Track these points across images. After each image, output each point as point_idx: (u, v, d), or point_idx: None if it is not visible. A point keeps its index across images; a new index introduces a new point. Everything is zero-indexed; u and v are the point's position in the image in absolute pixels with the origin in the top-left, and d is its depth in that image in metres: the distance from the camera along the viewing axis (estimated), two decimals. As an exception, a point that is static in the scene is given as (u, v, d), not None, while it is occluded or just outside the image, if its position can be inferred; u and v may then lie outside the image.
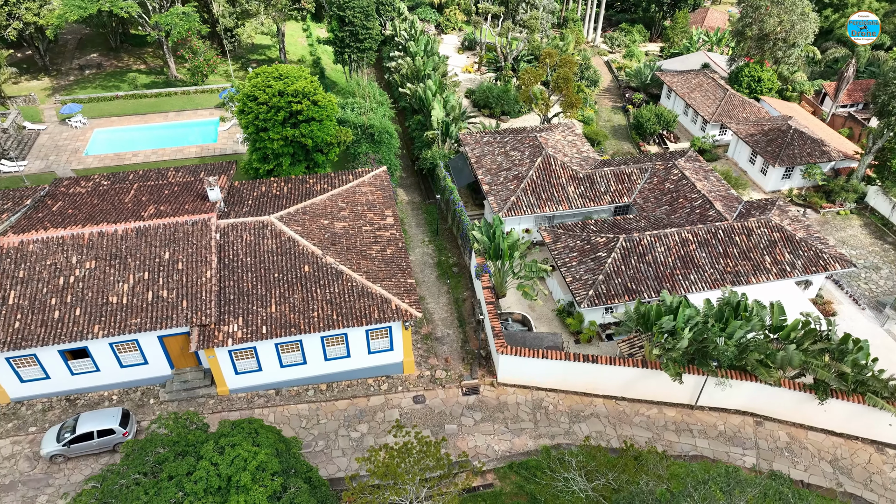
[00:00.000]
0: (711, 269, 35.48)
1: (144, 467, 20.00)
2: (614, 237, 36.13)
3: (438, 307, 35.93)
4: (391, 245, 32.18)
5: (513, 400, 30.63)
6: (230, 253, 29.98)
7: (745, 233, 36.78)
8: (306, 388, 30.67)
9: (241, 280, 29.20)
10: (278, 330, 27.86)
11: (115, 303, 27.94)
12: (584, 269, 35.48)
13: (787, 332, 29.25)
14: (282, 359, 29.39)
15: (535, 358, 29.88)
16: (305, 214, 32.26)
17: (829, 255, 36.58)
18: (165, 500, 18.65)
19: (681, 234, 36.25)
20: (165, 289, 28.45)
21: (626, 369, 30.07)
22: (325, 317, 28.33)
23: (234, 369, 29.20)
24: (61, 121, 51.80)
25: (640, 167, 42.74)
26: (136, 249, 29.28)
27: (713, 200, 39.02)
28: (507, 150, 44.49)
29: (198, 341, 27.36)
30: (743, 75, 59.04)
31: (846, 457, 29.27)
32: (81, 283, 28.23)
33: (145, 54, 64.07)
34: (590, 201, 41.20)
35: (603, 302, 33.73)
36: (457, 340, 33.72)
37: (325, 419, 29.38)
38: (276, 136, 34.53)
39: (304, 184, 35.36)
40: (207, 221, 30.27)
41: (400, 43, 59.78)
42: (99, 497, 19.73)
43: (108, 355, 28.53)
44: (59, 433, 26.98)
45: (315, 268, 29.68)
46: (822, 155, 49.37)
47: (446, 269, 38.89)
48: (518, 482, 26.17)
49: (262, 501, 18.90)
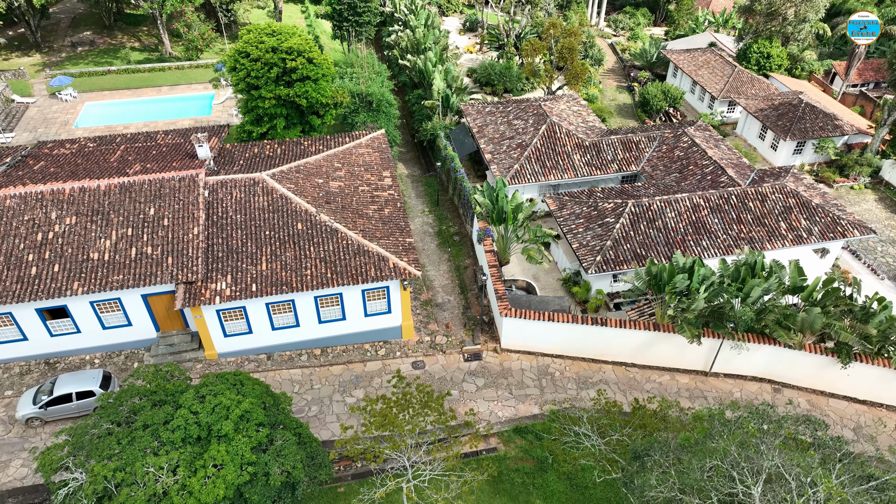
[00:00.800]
0: (724, 236, 33.88)
1: (118, 417, 18.42)
2: (622, 202, 34.55)
3: (439, 274, 34.36)
4: (389, 205, 30.64)
5: (517, 366, 29.03)
6: (219, 210, 28.44)
7: (759, 198, 35.19)
8: (299, 352, 29.09)
9: (230, 237, 27.67)
10: (269, 288, 26.31)
11: (96, 259, 26.40)
12: (591, 236, 33.90)
13: (808, 293, 27.64)
14: (273, 321, 27.82)
15: (540, 321, 28.28)
16: (299, 173, 30.73)
17: (848, 222, 34.99)
18: (139, 449, 17.06)
19: (692, 200, 34.67)
20: (150, 245, 26.92)
21: (636, 332, 28.48)
22: (319, 275, 26.78)
23: (223, 332, 27.63)
24: (51, 94, 50.37)
25: (648, 136, 41.22)
26: (120, 205, 27.75)
27: (725, 167, 37.46)
28: (510, 120, 42.97)
29: (183, 299, 25.80)
30: (752, 52, 57.56)
31: (870, 424, 27.63)
32: (61, 240, 26.69)
33: (139, 32, 62.68)
34: (596, 169, 39.65)
35: (611, 268, 32.14)
36: (458, 307, 32.13)
37: (319, 384, 27.79)
38: (268, 94, 33.02)
39: (298, 146, 33.84)
40: (195, 177, 28.74)
41: (400, 18, 58.37)
42: (69, 450, 18.15)
43: (90, 315, 26.97)
44: (35, 396, 25.41)
45: (308, 225, 28.13)
46: (834, 129, 47.80)
47: (447, 238, 37.34)
48: (523, 446, 24.55)
49: (246, 452, 17.30)
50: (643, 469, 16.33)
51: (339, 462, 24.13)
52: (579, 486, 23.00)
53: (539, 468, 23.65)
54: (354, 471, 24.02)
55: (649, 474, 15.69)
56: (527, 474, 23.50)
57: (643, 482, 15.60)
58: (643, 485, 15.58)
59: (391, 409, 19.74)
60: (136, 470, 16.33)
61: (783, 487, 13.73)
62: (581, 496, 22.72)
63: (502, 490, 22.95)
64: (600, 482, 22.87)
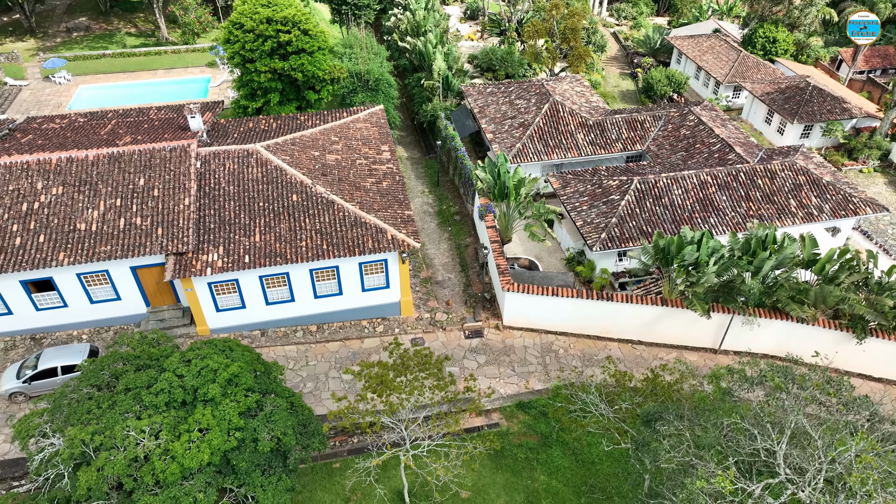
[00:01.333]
0: (733, 213, 32.90)
1: (99, 380, 17.44)
2: (628, 179, 33.58)
3: (439, 253, 33.38)
4: (387, 178, 29.68)
5: (520, 343, 28.03)
6: (211, 181, 27.49)
7: (768, 176, 34.21)
8: (294, 328, 28.11)
9: (222, 209, 26.71)
10: (262, 259, 25.35)
11: (83, 230, 25.45)
12: (595, 213, 32.93)
13: (822, 265, 26.63)
14: (267, 295, 26.85)
15: (544, 296, 27.29)
16: (294, 145, 29.78)
17: (860, 199, 34.01)
18: (120, 413, 16.08)
19: (699, 177, 33.68)
20: (139, 216, 25.97)
21: (644, 308, 27.49)
22: (315, 246, 25.82)
23: (216, 306, 26.66)
24: (45, 77, 49.49)
25: (653, 115, 40.28)
26: (109, 176, 26.81)
27: (733, 145, 36.50)
28: (511, 100, 42.03)
29: (173, 270, 24.84)
30: (757, 36, 56.62)
31: (885, 403, 26.58)
32: (47, 210, 25.75)
33: (136, 18, 61.82)
34: (600, 149, 38.68)
35: (616, 245, 31.16)
36: (458, 284, 31.15)
37: (315, 361, 26.80)
38: (263, 67, 32.10)
39: (294, 121, 32.88)
40: (187, 148, 27.80)
41: (399, 2, 57.46)
42: (47, 416, 17.17)
43: (77, 288, 26.01)
44: (19, 370, 24.45)
45: (304, 197, 27.18)
46: (842, 112, 46.81)
47: (447, 217, 36.37)
48: (526, 421, 23.53)
49: (233, 416, 16.31)
50: (655, 434, 15.33)
51: (334, 437, 23.15)
52: (585, 462, 22.00)
53: (543, 443, 22.64)
54: (350, 446, 23.03)
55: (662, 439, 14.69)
56: (530, 449, 22.49)
57: (656, 448, 14.60)
58: (656, 450, 14.58)
59: (388, 373, 18.75)
60: (115, 433, 15.35)
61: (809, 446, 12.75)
62: (587, 471, 21.71)
63: (505, 466, 21.94)
64: (607, 458, 21.88)
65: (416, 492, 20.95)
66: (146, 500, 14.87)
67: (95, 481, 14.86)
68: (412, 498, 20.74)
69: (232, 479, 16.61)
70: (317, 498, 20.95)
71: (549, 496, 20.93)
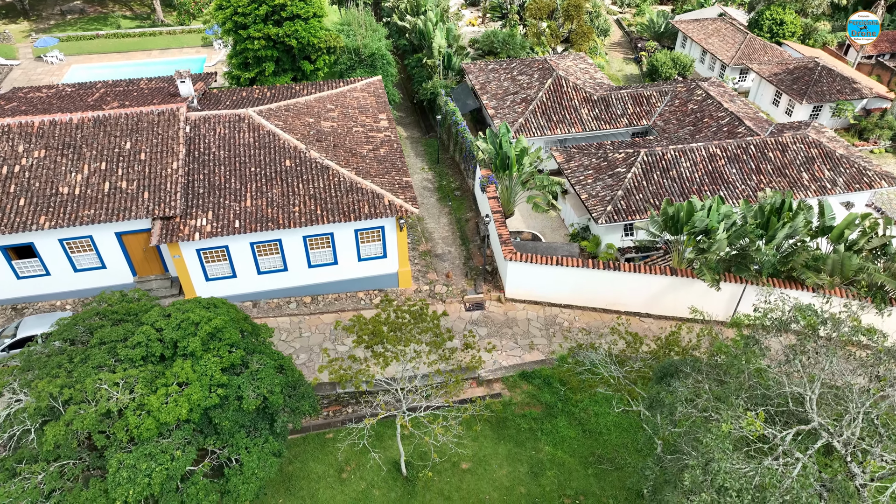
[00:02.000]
0: (743, 186, 31.74)
1: (72, 335, 16.27)
2: (635, 151, 32.43)
3: (439, 227, 32.22)
4: (385, 145, 28.53)
5: (522, 316, 26.84)
6: (201, 146, 26.35)
7: (779, 148, 33.05)
8: (288, 300, 26.95)
9: (212, 174, 25.57)
10: (253, 224, 24.19)
11: (65, 193, 24.31)
12: (601, 186, 31.77)
13: (839, 231, 25.43)
14: (259, 263, 25.70)
15: (548, 265, 26.11)
16: (288, 111, 28.64)
17: (875, 172, 32.83)
18: (92, 367, 14.91)
19: (708, 149, 32.52)
20: (125, 180, 24.83)
21: (652, 278, 26.29)
22: (308, 211, 24.67)
23: (205, 275, 25.50)
24: (36, 57, 48.43)
25: (659, 90, 39.14)
26: (94, 139, 25.67)
27: (742, 118, 35.34)
28: (514, 76, 40.91)
29: (160, 235, 23.70)
30: (764, 18, 55.53)
31: (907, 377, 25.33)
32: (28, 173, 24.60)
33: (131, 1, 60.81)
34: (605, 124, 37.54)
35: (623, 218, 30.01)
36: (459, 258, 29.98)
37: (309, 332, 25.63)
38: (256, 34, 30.99)
39: (289, 90, 31.73)
40: (176, 112, 26.67)
41: (399, -16, 56.34)
42: (17, 372, 16.00)
43: (59, 256, 24.87)
44: (-3, 339, 23.31)
45: (297, 162, 26.03)
46: (852, 92, 45.67)
47: (447, 193, 35.21)
48: (530, 391, 22.31)
49: (216, 372, 15.13)
50: (670, 389, 14.14)
51: (327, 407, 21.96)
52: (592, 432, 20.79)
53: (548, 413, 21.42)
54: (345, 416, 21.84)
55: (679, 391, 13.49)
56: (534, 419, 21.28)
57: (672, 400, 13.41)
58: (672, 403, 13.39)
59: (381, 326, 17.59)
60: (86, 387, 14.17)
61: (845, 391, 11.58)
62: (595, 442, 20.50)
63: (507, 436, 20.73)
64: (616, 428, 20.68)
65: (413, 463, 19.77)
66: (119, 456, 13.69)
67: (63, 436, 13.68)
68: (409, 468, 19.55)
69: (214, 439, 15.44)
70: (309, 469, 19.76)
71: (554, 467, 19.73)
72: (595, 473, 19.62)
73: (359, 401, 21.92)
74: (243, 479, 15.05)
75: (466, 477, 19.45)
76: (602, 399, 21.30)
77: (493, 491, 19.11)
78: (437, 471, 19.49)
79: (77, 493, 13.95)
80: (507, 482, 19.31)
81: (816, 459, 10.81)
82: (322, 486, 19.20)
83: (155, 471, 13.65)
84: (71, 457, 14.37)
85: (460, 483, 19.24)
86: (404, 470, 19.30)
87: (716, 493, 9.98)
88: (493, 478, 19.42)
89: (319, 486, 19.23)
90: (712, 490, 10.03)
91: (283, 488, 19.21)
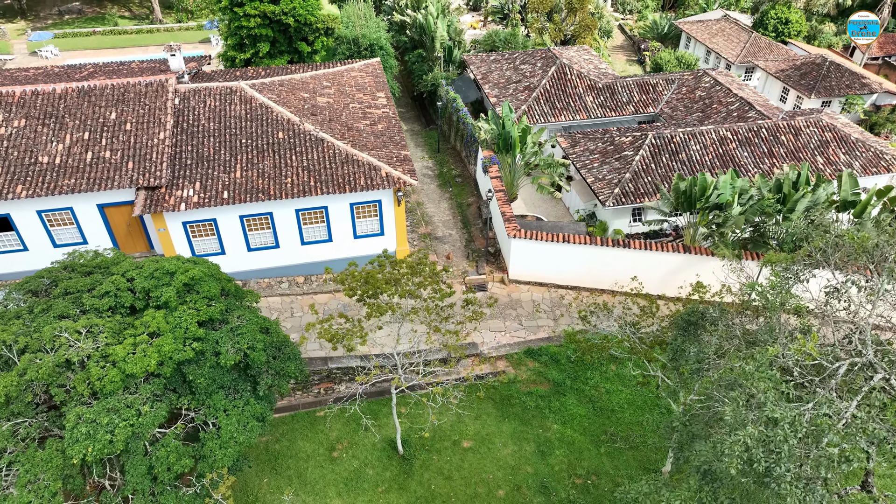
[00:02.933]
0: (755, 169, 30.46)
1: (35, 286, 14.85)
2: (642, 134, 31.26)
3: (439, 211, 30.90)
4: (383, 121, 27.36)
5: (527, 297, 25.37)
6: (190, 118, 25.17)
7: (792, 132, 31.85)
8: (279, 279, 25.53)
9: (200, 145, 24.34)
10: (243, 195, 22.90)
11: (45, 163, 23.05)
12: (607, 170, 30.52)
13: (864, 205, 24.09)
14: (249, 239, 24.34)
15: (554, 242, 24.72)
16: (283, 86, 27.54)
17: (892, 156, 31.58)
18: (54, 316, 13.46)
19: (718, 133, 31.32)
20: (108, 150, 23.59)
21: (664, 256, 24.89)
22: (301, 182, 23.39)
23: (192, 250, 24.12)
24: (31, 52, 47.66)
25: (665, 78, 38.12)
26: (77, 109, 24.49)
27: (753, 103, 34.22)
28: (516, 65, 39.96)
29: (143, 205, 22.39)
30: (769, 17, 54.89)
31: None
32: (6, 143, 23.37)
33: (130, 2, 60.37)
34: (611, 111, 36.44)
35: (631, 200, 28.70)
36: (460, 240, 28.61)
37: (301, 312, 24.16)
38: (252, 11, 30.03)
39: (284, 71, 30.71)
40: (164, 83, 25.54)
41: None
42: (-25, 328, 14.52)
43: (38, 229, 23.53)
44: (-33, 314, 21.83)
45: (291, 135, 24.82)
46: (862, 87, 44.68)
47: (448, 179, 33.97)
48: (536, 369, 20.74)
49: (191, 325, 13.67)
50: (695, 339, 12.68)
51: (319, 384, 20.40)
52: (604, 410, 19.20)
53: (556, 391, 19.85)
54: (337, 394, 20.26)
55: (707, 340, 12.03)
56: (541, 397, 19.70)
57: (700, 349, 11.94)
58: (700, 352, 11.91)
59: (375, 275, 16.17)
60: (43, 335, 12.71)
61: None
62: (606, 420, 18.90)
63: (512, 414, 19.14)
64: (629, 406, 19.09)
65: (411, 441, 18.16)
66: (78, 410, 12.18)
67: (15, 387, 12.18)
68: (406, 446, 17.94)
69: (189, 398, 13.92)
70: (297, 447, 18.16)
71: (563, 446, 18.12)
72: (608, 452, 18.00)
73: (352, 378, 20.38)
74: (220, 443, 13.50)
75: (468, 456, 17.84)
76: (614, 376, 19.79)
77: (497, 471, 17.49)
78: (436, 449, 17.88)
79: (31, 453, 12.41)
80: (513, 461, 17.69)
81: (877, 397, 9.39)
82: (311, 465, 17.59)
83: (118, 426, 12.13)
84: (26, 415, 12.85)
85: (461, 462, 17.63)
86: (401, 448, 17.71)
87: (763, 426, 8.50)
88: (498, 457, 17.80)
89: (308, 464, 17.62)
90: (759, 424, 8.56)
91: (269, 467, 17.60)
